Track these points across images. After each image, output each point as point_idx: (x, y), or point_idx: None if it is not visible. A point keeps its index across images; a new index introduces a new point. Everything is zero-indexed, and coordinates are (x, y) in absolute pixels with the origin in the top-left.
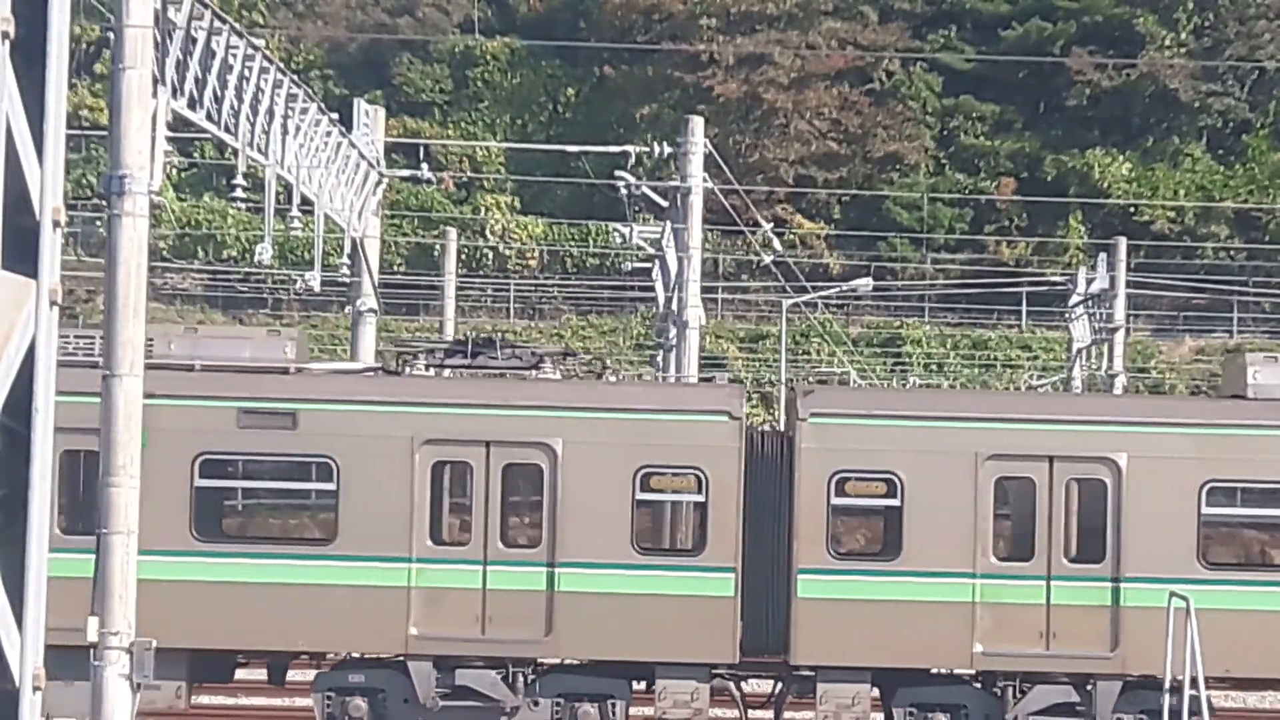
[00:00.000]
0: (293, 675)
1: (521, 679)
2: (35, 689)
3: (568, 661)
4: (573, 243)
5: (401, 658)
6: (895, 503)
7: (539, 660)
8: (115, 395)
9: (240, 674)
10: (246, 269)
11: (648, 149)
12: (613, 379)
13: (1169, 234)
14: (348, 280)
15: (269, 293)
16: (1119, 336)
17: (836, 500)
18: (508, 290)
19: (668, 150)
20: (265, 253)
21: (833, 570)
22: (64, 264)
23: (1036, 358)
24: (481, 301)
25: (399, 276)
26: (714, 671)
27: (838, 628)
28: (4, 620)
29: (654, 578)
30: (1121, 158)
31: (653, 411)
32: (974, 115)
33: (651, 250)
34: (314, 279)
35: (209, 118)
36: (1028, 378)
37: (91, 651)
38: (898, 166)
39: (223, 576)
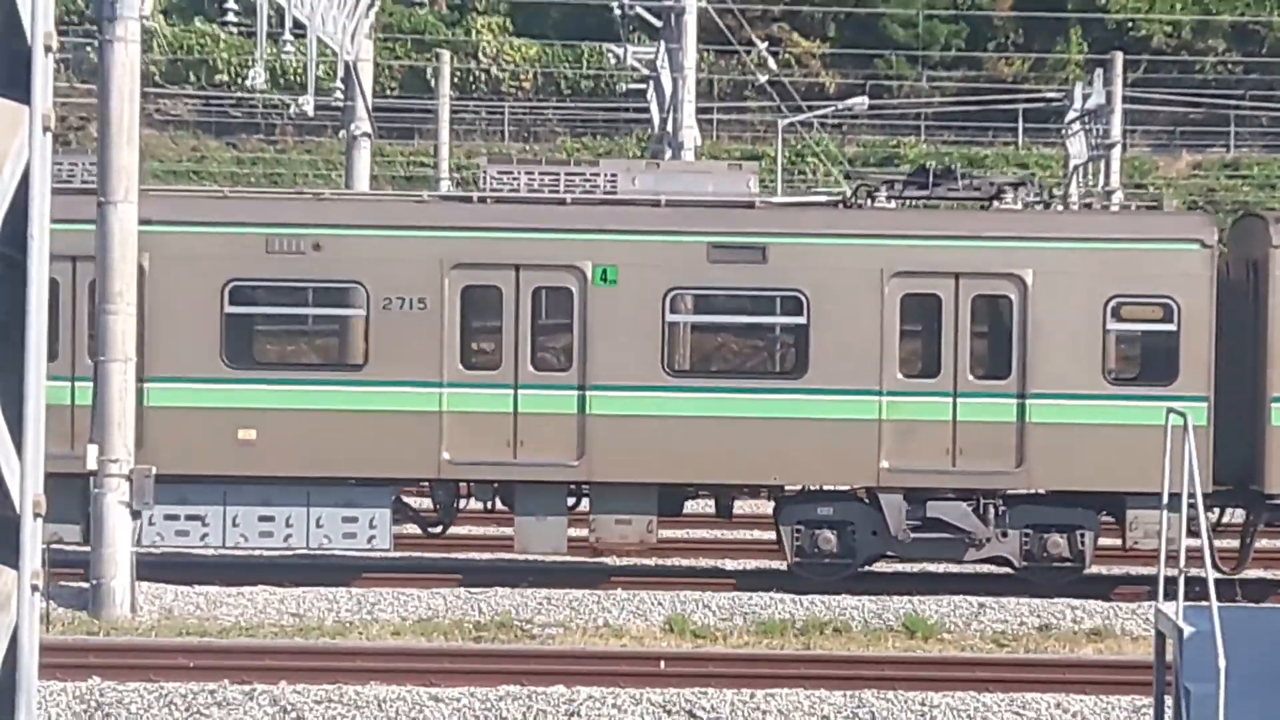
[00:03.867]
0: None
1: (991, 510)
2: (36, 515)
3: (1037, 492)
4: (567, 65)
5: (871, 490)
6: None
7: (1008, 491)
8: (110, 221)
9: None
10: (239, 94)
11: None
12: (1059, 208)
13: (1166, 49)
14: (341, 105)
15: (262, 118)
16: (1115, 152)
17: None
18: (501, 113)
19: None
20: (257, 78)
21: None
22: (56, 90)
23: (1034, 174)
24: (475, 125)
25: (392, 100)
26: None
27: None
28: (3, 447)
29: (1125, 408)
30: None
31: (1124, 241)
32: None
33: (646, 71)
34: (307, 103)
35: None
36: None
37: (91, 479)
38: None
39: (696, 411)
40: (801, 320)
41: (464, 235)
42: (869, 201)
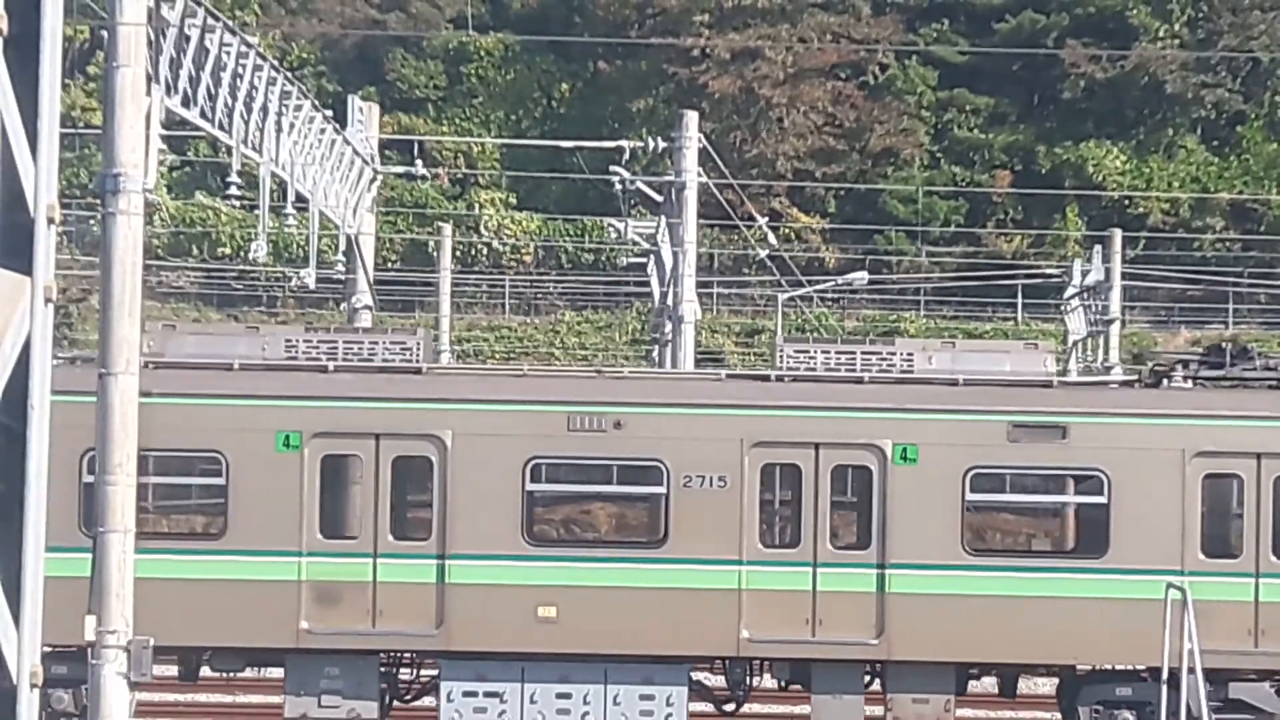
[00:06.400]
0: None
1: None
2: (33, 686)
3: None
4: (567, 238)
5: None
6: None
7: None
8: (111, 393)
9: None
10: (241, 267)
11: (642, 144)
12: None
13: (1164, 226)
14: (343, 277)
15: (264, 290)
16: (1114, 328)
17: None
18: (503, 286)
19: (662, 145)
20: (259, 250)
21: None
22: (59, 262)
23: None
24: (476, 298)
25: (394, 273)
26: None
27: None
28: (1, 618)
29: None
30: (1116, 150)
31: None
32: (968, 108)
33: (646, 245)
34: (309, 276)
35: (203, 115)
36: None
37: (90, 650)
38: (893, 160)
39: (995, 590)
40: (1102, 500)
41: (763, 413)
42: (1164, 381)
